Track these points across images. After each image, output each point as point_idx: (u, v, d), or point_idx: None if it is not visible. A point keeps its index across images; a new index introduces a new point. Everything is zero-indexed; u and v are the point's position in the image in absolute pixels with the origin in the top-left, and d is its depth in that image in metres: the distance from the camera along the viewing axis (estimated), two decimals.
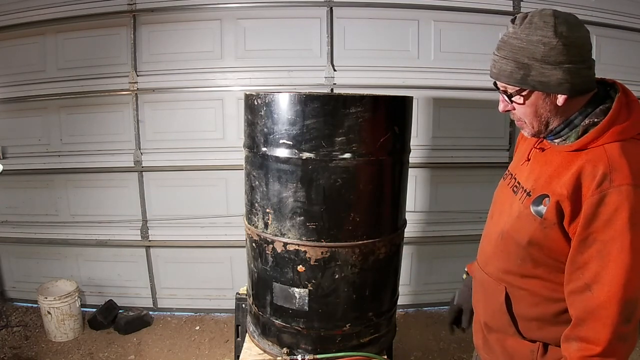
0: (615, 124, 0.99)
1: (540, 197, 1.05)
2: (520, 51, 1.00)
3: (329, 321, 1.66)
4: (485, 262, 1.24)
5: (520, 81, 1.01)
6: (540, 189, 1.06)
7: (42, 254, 3.31)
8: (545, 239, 1.04)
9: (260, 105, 1.57)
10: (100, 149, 3.11)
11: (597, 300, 0.95)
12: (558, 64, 0.98)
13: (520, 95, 1.04)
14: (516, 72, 1.01)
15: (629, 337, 0.97)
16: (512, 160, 1.32)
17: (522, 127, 1.12)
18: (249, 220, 1.73)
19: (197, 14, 2.93)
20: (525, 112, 1.06)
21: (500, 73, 1.03)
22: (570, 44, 0.97)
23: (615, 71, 3.07)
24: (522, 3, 2.93)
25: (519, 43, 1.00)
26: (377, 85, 2.91)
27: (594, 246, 0.95)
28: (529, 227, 1.06)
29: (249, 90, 2.43)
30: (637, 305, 0.96)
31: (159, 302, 3.33)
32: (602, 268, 0.94)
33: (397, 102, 1.64)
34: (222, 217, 3.16)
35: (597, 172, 0.95)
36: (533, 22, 0.99)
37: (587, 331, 0.97)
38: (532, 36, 0.98)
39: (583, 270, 0.98)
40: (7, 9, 2.94)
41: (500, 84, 1.06)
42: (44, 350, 2.85)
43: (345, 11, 2.93)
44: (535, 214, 1.05)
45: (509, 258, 1.13)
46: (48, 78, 3.03)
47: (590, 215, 0.95)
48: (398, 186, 1.73)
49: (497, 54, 1.04)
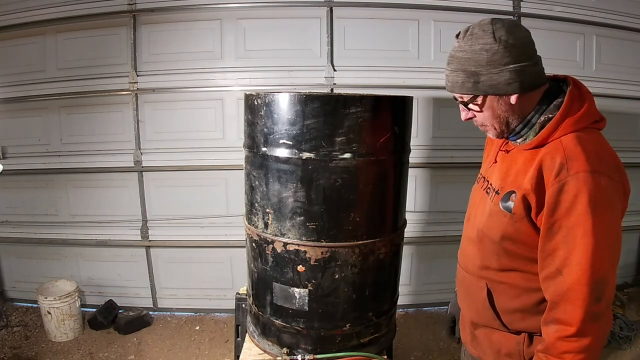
0: (568, 116, 1.06)
1: (507, 194, 1.12)
2: (466, 62, 1.07)
3: (329, 321, 1.66)
4: (465, 262, 1.31)
5: (472, 89, 1.08)
6: (507, 187, 1.13)
7: (42, 254, 3.31)
8: (516, 232, 1.10)
9: (260, 105, 1.57)
10: (100, 149, 3.11)
11: (567, 283, 1.00)
12: (503, 66, 1.04)
13: (474, 102, 1.11)
14: (467, 82, 1.08)
15: (602, 316, 1.01)
16: (482, 164, 1.39)
17: (486, 131, 1.19)
18: (249, 220, 1.73)
19: (197, 14, 2.93)
20: (485, 117, 1.13)
21: (454, 85, 1.11)
22: (510, 46, 1.03)
23: (615, 71, 3.08)
24: (522, 3, 2.94)
25: (464, 54, 1.07)
26: (377, 85, 2.91)
27: (560, 233, 1.01)
28: (500, 223, 1.12)
29: (249, 90, 2.43)
30: (606, 285, 1.00)
31: (159, 302, 3.33)
32: (569, 252, 0.99)
33: (397, 102, 1.64)
34: (222, 217, 3.16)
35: (555, 163, 1.01)
36: (474, 33, 1.06)
37: (561, 313, 1.02)
38: (474, 46, 1.06)
39: (553, 256, 1.03)
40: (7, 9, 2.94)
41: (457, 95, 1.13)
42: (44, 350, 2.85)
43: (345, 11, 2.94)
44: (504, 209, 1.12)
45: (486, 255, 1.19)
46: (48, 78, 3.04)
47: (553, 204, 1.00)
48: (398, 186, 1.73)
49: (448, 68, 1.12)
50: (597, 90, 3.00)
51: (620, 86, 3.07)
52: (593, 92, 1.16)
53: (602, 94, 2.97)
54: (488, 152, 1.37)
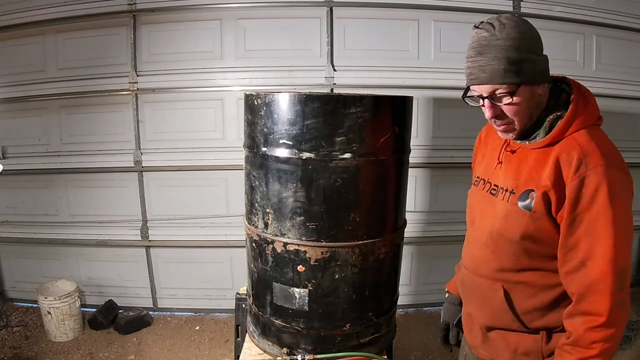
0: (577, 114, 1.08)
1: (525, 193, 1.11)
2: (508, 48, 1.03)
3: (329, 321, 1.66)
4: (476, 266, 1.27)
5: (515, 77, 1.04)
6: (523, 186, 1.12)
7: (42, 254, 3.31)
8: (536, 230, 1.10)
9: (260, 105, 1.57)
10: (100, 149, 3.11)
11: (593, 274, 1.02)
12: (539, 54, 1.07)
13: (509, 93, 1.06)
14: (509, 70, 1.04)
15: (625, 304, 1.04)
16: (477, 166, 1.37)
17: (506, 131, 1.14)
18: (249, 220, 1.73)
19: (197, 14, 2.93)
20: (515, 110, 1.09)
21: (494, 75, 1.05)
22: (537, 36, 1.08)
23: (615, 71, 3.08)
24: (522, 3, 2.94)
25: (504, 42, 1.04)
26: (377, 85, 2.91)
27: (582, 226, 1.03)
28: (520, 222, 1.11)
29: (249, 90, 2.43)
30: (627, 273, 1.03)
31: (159, 302, 3.33)
32: (592, 244, 1.01)
33: (397, 102, 1.64)
34: (222, 217, 3.16)
35: (573, 159, 1.03)
36: (503, 22, 1.06)
37: (589, 305, 1.03)
38: (512, 33, 1.04)
39: (575, 250, 1.04)
40: (7, 9, 2.94)
41: (487, 88, 1.07)
42: (44, 350, 2.85)
43: (345, 11, 2.94)
44: (523, 208, 1.11)
45: (502, 256, 1.17)
46: (48, 78, 3.03)
47: (575, 199, 1.02)
48: (398, 186, 1.73)
49: (482, 58, 1.05)
50: (597, 90, 2.98)
51: (620, 86, 3.07)
52: (593, 92, 1.17)
53: (602, 94, 2.96)
54: (483, 155, 1.35)
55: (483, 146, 1.38)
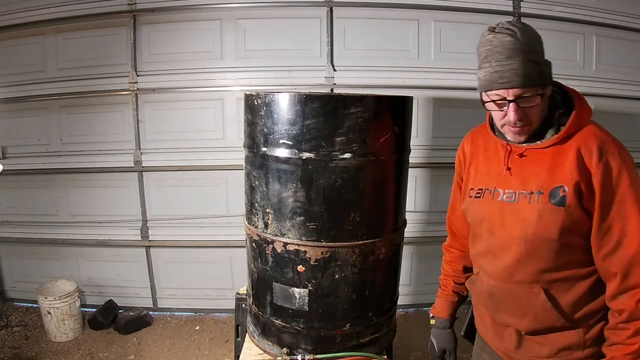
0: (583, 110, 1.16)
1: (555, 190, 1.13)
2: (532, 52, 1.09)
3: (329, 321, 1.66)
4: (508, 274, 1.23)
5: (541, 80, 1.10)
6: (549, 184, 1.14)
7: (42, 254, 3.31)
8: (572, 224, 1.13)
9: (260, 105, 1.57)
10: (100, 149, 3.11)
11: (632, 249, 1.09)
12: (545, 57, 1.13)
13: (537, 95, 1.10)
14: (538, 72, 1.09)
15: None
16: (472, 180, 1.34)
17: (521, 133, 1.16)
18: (249, 220, 1.73)
19: (197, 14, 2.93)
20: (536, 112, 1.13)
21: (527, 77, 1.07)
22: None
23: (615, 71, 3.07)
24: (522, 3, 2.93)
25: (527, 46, 1.08)
26: (377, 85, 2.91)
27: (613, 209, 1.09)
28: (556, 219, 1.13)
29: (249, 90, 2.43)
30: None
31: (159, 302, 3.33)
32: (625, 224, 1.09)
33: (397, 102, 1.64)
34: (222, 217, 3.16)
35: (593, 149, 1.10)
36: (520, 27, 1.09)
37: (635, 278, 1.09)
38: (531, 38, 1.10)
39: (610, 232, 1.10)
40: (7, 9, 2.94)
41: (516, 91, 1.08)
42: (44, 350, 2.85)
43: (345, 11, 2.94)
44: (557, 205, 1.13)
45: (541, 258, 1.18)
46: (48, 78, 3.04)
47: (603, 185, 1.09)
48: (398, 186, 1.73)
49: (512, 62, 1.07)
50: (597, 90, 3.00)
51: (620, 86, 3.06)
52: (593, 92, 1.20)
53: (602, 94, 2.97)
54: (476, 167, 1.34)
55: (472, 159, 1.37)
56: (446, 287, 1.60)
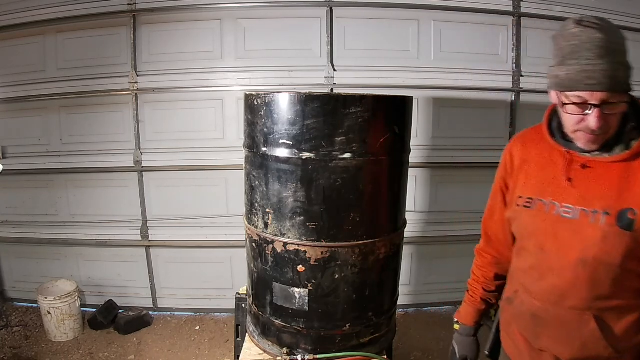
0: None
1: (623, 212, 1.03)
2: (623, 54, 0.98)
3: (329, 321, 1.66)
4: (559, 298, 1.13)
5: (628, 85, 1.00)
6: (617, 205, 1.04)
7: (42, 254, 3.31)
8: (637, 249, 1.04)
9: (260, 105, 1.57)
10: (100, 149, 3.11)
11: None
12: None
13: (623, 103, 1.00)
14: (626, 77, 0.98)
15: None
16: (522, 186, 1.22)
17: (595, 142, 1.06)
18: (249, 220, 1.73)
19: (197, 14, 2.93)
20: (615, 121, 1.03)
21: (617, 81, 0.97)
22: None
23: None
24: (522, 3, 2.94)
25: (618, 47, 0.98)
26: (377, 85, 2.91)
27: None
28: (621, 244, 1.04)
29: (249, 90, 2.43)
30: None
31: (159, 302, 3.33)
32: None
33: (397, 102, 1.64)
34: (222, 217, 3.16)
35: None
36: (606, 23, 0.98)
37: None
38: (621, 37, 0.98)
39: None
40: (7, 9, 2.94)
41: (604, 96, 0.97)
42: (44, 350, 2.85)
43: (345, 11, 2.94)
44: (624, 229, 1.03)
45: (599, 283, 1.08)
46: (48, 78, 3.04)
47: None
48: (398, 186, 1.73)
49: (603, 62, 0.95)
50: None
51: None
52: None
53: None
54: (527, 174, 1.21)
55: (523, 164, 1.23)
56: (475, 293, 1.46)
